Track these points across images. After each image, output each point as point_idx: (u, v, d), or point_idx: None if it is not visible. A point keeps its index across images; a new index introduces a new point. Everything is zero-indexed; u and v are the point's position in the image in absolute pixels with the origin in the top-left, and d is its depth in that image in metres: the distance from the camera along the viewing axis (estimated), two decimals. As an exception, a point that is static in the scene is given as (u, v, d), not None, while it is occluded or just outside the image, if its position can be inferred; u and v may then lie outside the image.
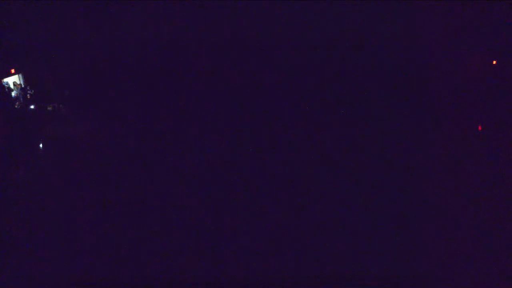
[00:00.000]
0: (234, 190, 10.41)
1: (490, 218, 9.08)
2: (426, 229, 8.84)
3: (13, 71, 15.12)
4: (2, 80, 14.71)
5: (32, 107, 14.92)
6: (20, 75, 15.55)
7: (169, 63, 15.66)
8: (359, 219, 9.17)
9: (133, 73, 15.33)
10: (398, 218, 9.18)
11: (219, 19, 15.38)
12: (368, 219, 9.17)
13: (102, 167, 11.41)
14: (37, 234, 8.61)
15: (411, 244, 8.33)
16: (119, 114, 14.46)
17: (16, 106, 14.76)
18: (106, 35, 15.35)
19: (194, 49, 15.52)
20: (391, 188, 10.34)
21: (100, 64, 15.46)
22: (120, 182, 10.61)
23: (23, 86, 15.40)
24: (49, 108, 14.97)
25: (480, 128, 13.88)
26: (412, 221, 9.05)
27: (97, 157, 11.96)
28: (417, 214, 9.32)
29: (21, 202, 9.69)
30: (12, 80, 15.18)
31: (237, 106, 14.74)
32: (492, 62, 15.00)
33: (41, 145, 13.05)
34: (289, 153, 12.45)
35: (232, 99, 14.97)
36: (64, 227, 8.86)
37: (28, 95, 15.24)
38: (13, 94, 14.96)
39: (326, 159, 12.05)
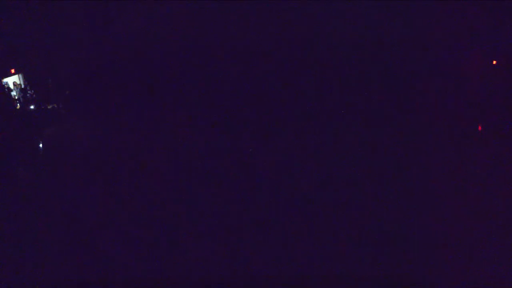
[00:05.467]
0: (234, 189, 10.41)
1: (490, 218, 9.08)
2: (426, 229, 8.84)
3: (13, 71, 15.12)
4: (2, 80, 14.72)
5: (32, 107, 14.92)
6: (20, 75, 15.55)
7: (170, 63, 15.66)
8: (359, 219, 9.17)
9: (134, 73, 15.33)
10: (398, 218, 9.18)
11: (218, 19, 15.39)
12: (368, 219, 9.17)
13: (103, 167, 11.41)
14: (37, 234, 8.61)
15: (411, 245, 8.33)
16: (120, 114, 14.46)
17: (16, 106, 14.76)
18: (106, 35, 15.36)
19: (194, 49, 15.53)
20: (390, 188, 10.34)
21: (100, 64, 15.47)
22: (120, 181, 10.61)
23: (23, 86, 15.40)
24: (49, 108, 14.97)
25: (480, 128, 13.87)
26: (412, 222, 9.05)
27: (97, 157, 11.95)
28: (417, 215, 9.31)
29: (21, 202, 9.68)
30: (12, 80, 15.19)
31: (236, 106, 14.74)
32: (492, 62, 14.99)
33: (41, 145, 13.04)
34: (289, 153, 12.45)
35: (232, 98, 14.97)
36: (65, 227, 8.86)
37: (28, 95, 15.24)
38: (13, 94, 14.96)
39: (326, 159, 12.05)
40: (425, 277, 7.55)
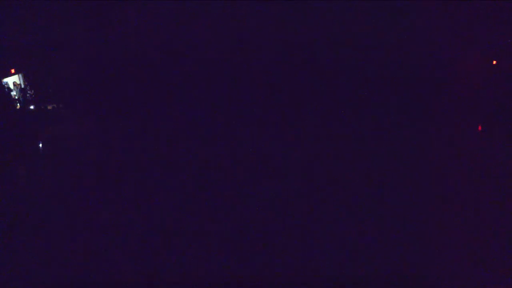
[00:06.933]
0: (233, 190, 10.41)
1: (491, 218, 9.07)
2: (426, 229, 8.83)
3: (13, 71, 15.13)
4: (2, 80, 14.73)
5: (32, 107, 14.93)
6: (20, 75, 15.56)
7: (170, 63, 15.66)
8: (359, 220, 9.17)
9: (134, 73, 15.33)
10: (398, 218, 9.18)
11: (218, 20, 15.39)
12: (368, 219, 9.16)
13: (102, 167, 11.41)
14: (37, 234, 8.61)
15: (411, 245, 8.33)
16: (120, 114, 14.47)
17: (16, 106, 14.77)
18: (106, 35, 15.36)
19: (194, 49, 15.53)
20: (390, 188, 10.34)
21: (100, 64, 15.47)
22: (120, 182, 10.61)
23: (23, 86, 15.40)
24: (49, 108, 14.98)
25: (480, 128, 13.88)
26: (411, 222, 9.04)
27: (97, 157, 11.95)
28: (417, 215, 9.31)
29: (21, 202, 9.69)
30: (12, 80, 15.20)
31: (237, 107, 14.75)
32: (492, 62, 15.00)
33: (40, 145, 13.05)
34: (290, 153, 12.45)
35: (232, 99, 14.98)
36: (64, 227, 8.85)
37: (28, 95, 15.25)
38: (13, 94, 14.97)
39: (326, 159, 12.05)
40: (426, 277, 7.55)
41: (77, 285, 7.44)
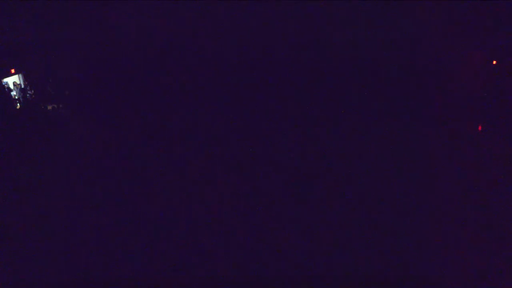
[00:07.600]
0: (234, 189, 10.41)
1: (491, 218, 9.08)
2: (426, 229, 8.84)
3: (13, 71, 15.14)
4: (2, 80, 14.73)
5: (32, 107, 14.93)
6: (20, 75, 15.57)
7: (169, 62, 15.66)
8: (359, 219, 9.17)
9: (133, 73, 15.33)
10: (398, 218, 9.18)
11: (218, 19, 15.40)
12: (368, 219, 9.17)
13: (102, 167, 11.41)
14: (38, 234, 8.61)
15: (411, 245, 8.33)
16: (119, 114, 14.46)
17: (16, 106, 14.77)
18: (106, 35, 15.37)
19: (194, 48, 15.53)
20: (391, 188, 10.34)
21: (100, 64, 15.47)
22: (120, 182, 10.61)
23: (23, 86, 15.40)
24: (49, 108, 14.98)
25: (480, 128, 13.88)
26: (412, 222, 9.05)
27: (97, 157, 11.95)
28: (417, 215, 9.31)
29: (21, 203, 9.68)
30: (12, 80, 15.20)
31: (237, 106, 14.74)
32: (492, 62, 15.02)
33: (40, 145, 13.03)
34: (289, 153, 12.45)
35: (232, 99, 14.98)
36: (65, 227, 8.85)
37: (28, 95, 15.25)
38: (13, 94, 14.97)
39: (326, 159, 12.05)
40: (427, 278, 7.55)
41: (78, 285, 7.45)
